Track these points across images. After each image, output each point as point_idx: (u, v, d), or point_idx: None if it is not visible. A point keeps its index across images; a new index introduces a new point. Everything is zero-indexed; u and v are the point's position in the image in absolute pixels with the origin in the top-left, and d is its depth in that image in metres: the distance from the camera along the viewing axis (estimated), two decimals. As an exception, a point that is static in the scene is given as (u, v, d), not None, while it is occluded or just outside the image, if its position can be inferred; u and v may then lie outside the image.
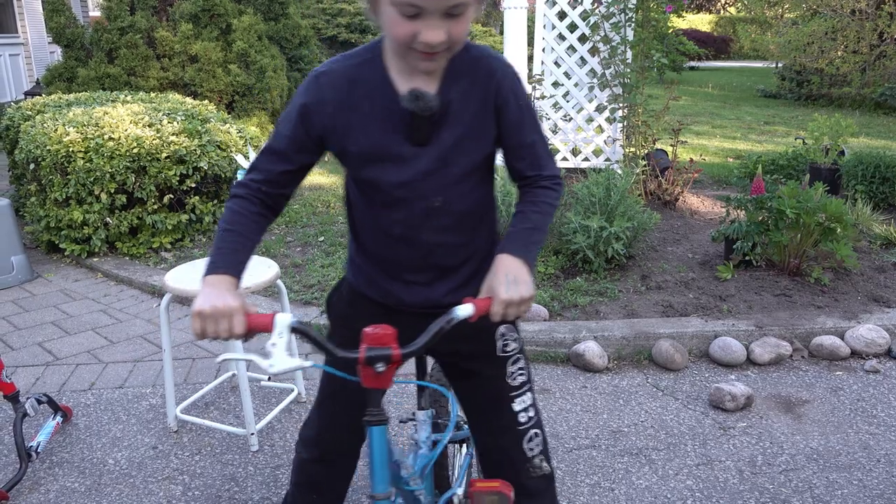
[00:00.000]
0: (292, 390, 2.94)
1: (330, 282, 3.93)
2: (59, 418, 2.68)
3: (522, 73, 5.19)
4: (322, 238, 4.70)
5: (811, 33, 11.67)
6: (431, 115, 1.26)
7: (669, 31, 5.34)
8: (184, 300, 3.88)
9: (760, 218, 3.96)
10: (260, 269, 2.66)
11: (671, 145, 5.49)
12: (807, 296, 3.75)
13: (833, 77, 11.87)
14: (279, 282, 2.73)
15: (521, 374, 1.50)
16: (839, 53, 11.54)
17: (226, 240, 1.27)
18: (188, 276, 2.64)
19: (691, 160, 5.54)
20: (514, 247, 1.31)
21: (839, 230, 3.84)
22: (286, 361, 1.16)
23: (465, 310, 1.22)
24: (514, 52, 5.13)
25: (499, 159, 1.41)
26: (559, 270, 4.00)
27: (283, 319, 1.17)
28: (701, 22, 24.31)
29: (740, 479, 2.47)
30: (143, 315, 3.84)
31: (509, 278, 1.24)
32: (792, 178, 5.36)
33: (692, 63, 17.82)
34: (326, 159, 1.36)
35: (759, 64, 17.03)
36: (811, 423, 2.83)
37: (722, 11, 25.30)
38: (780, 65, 13.87)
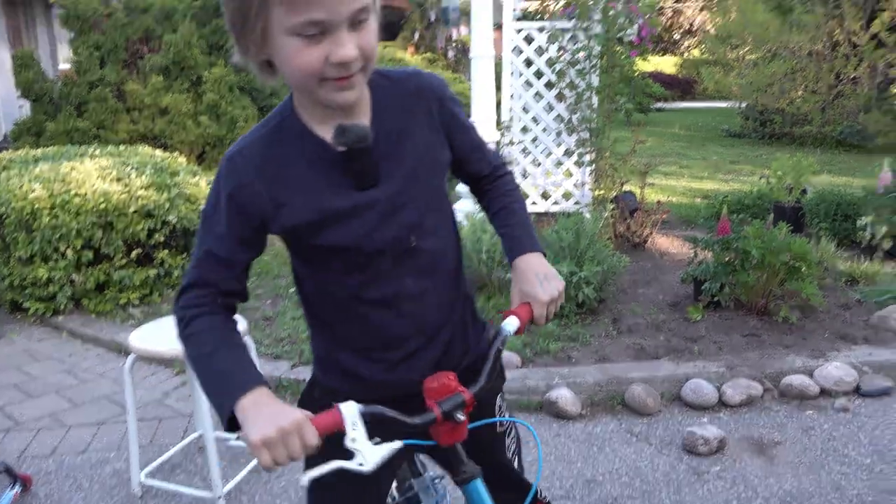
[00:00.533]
0: (261, 449, 2.87)
1: (301, 334, 3.89)
2: (17, 488, 2.60)
3: (491, 120, 5.26)
4: (293, 289, 4.65)
5: (771, 74, 12.01)
6: (367, 146, 1.14)
7: (636, 75, 5.47)
8: (150, 359, 3.81)
9: (727, 258, 4.01)
10: (226, 327, 2.62)
11: (639, 187, 5.57)
12: (775, 335, 3.78)
13: (794, 116, 12.19)
14: (247, 338, 2.69)
15: (513, 443, 1.49)
16: (799, 93, 11.88)
17: (225, 359, 1.10)
18: (154, 335, 2.60)
19: (659, 202, 5.62)
20: (526, 243, 1.29)
21: (804, 269, 3.89)
22: (376, 452, 1.03)
23: (511, 323, 1.19)
24: (482, 99, 5.20)
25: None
26: (531, 316, 4.00)
27: (350, 409, 1.05)
28: (666, 64, 24.92)
29: (715, 527, 2.45)
30: (109, 374, 3.77)
31: (540, 277, 1.23)
32: (758, 217, 5.45)
33: (659, 104, 18.22)
34: None
35: (723, 104, 17.43)
36: (784, 465, 2.83)
37: (686, 54, 26.00)
38: (743, 105, 14.23)
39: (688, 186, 8.25)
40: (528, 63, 5.78)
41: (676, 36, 29.84)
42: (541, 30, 5.64)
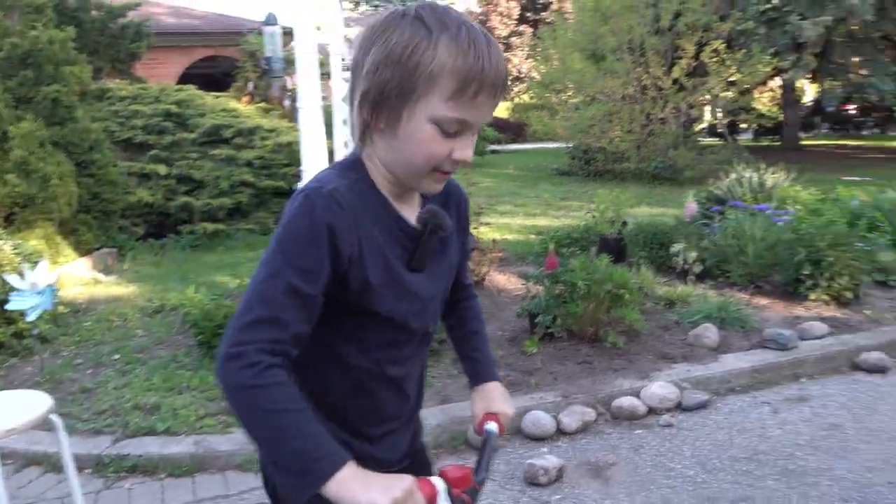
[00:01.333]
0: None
1: (125, 404, 3.60)
2: None
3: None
4: (117, 356, 4.32)
5: (591, 117, 12.97)
6: (444, 234, 1.23)
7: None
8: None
9: (557, 291, 4.19)
10: (28, 405, 2.37)
11: (474, 228, 5.74)
12: (605, 360, 3.99)
13: (614, 154, 13.18)
14: (53, 417, 2.44)
15: None
16: (617, 133, 12.89)
17: (313, 423, 1.04)
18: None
19: (494, 240, 5.81)
20: (493, 373, 1.45)
21: (626, 296, 4.15)
22: None
23: (494, 426, 1.36)
24: (312, 148, 5.16)
25: None
26: (373, 363, 3.96)
27: (441, 485, 1.13)
28: (498, 109, 26.20)
29: (557, 555, 2.50)
30: None
31: (504, 397, 1.42)
32: (586, 250, 5.78)
33: (494, 147, 19.06)
34: (126, 267, 1.19)
35: (552, 145, 18.52)
36: (618, 486, 2.96)
37: (516, 99, 27.49)
38: (570, 145, 15.20)
39: (523, 224, 8.61)
40: (359, 111, 5.83)
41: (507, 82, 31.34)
42: (369, 78, 5.71)
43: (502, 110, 26.39)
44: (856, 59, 16.01)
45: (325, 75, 5.66)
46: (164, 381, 3.85)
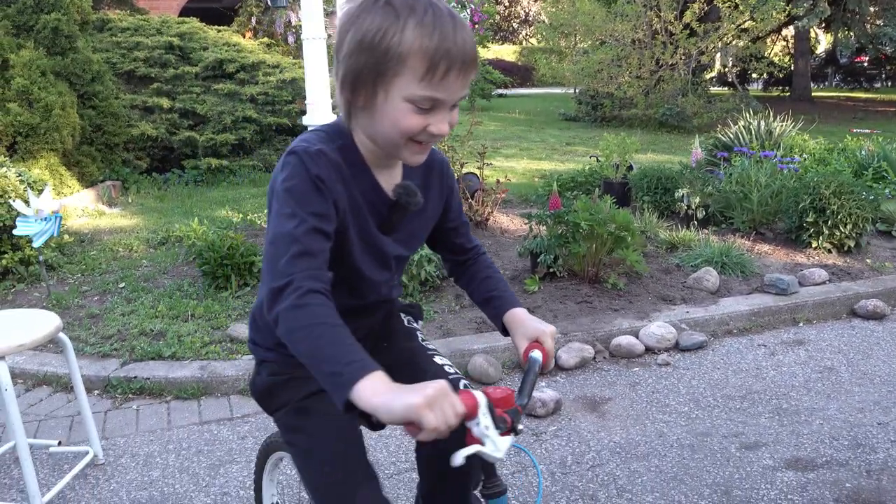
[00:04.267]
0: (87, 453, 2.67)
1: (131, 330, 3.66)
2: None
3: (326, 103, 5.18)
4: (123, 284, 4.37)
5: (600, 61, 12.75)
6: (415, 209, 1.34)
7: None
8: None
9: (560, 231, 4.21)
10: (37, 323, 2.41)
11: (478, 168, 5.72)
12: (605, 300, 4.03)
13: (622, 100, 13.02)
14: (62, 335, 2.49)
15: (431, 345, 1.60)
16: (625, 79, 12.70)
17: (348, 336, 1.11)
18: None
19: (498, 181, 5.80)
20: (514, 300, 1.48)
21: (629, 238, 4.17)
22: (503, 440, 1.13)
23: (538, 355, 1.36)
24: (315, 82, 5.10)
25: None
26: (376, 297, 4.00)
27: (482, 398, 1.13)
28: (506, 52, 25.77)
29: (552, 481, 2.58)
30: None
31: (535, 321, 1.43)
32: (590, 193, 5.77)
33: (500, 90, 18.80)
34: (130, 199, 1.24)
35: (559, 90, 18.26)
36: (614, 419, 3.02)
37: (524, 42, 26.99)
38: (577, 90, 14.99)
39: (527, 167, 8.57)
40: (365, 46, 5.73)
41: (515, 25, 30.81)
42: (376, 12, 5.61)
43: (510, 53, 25.96)
44: (872, 9, 15.64)
45: (331, 13, 5.54)
46: (169, 308, 3.90)
